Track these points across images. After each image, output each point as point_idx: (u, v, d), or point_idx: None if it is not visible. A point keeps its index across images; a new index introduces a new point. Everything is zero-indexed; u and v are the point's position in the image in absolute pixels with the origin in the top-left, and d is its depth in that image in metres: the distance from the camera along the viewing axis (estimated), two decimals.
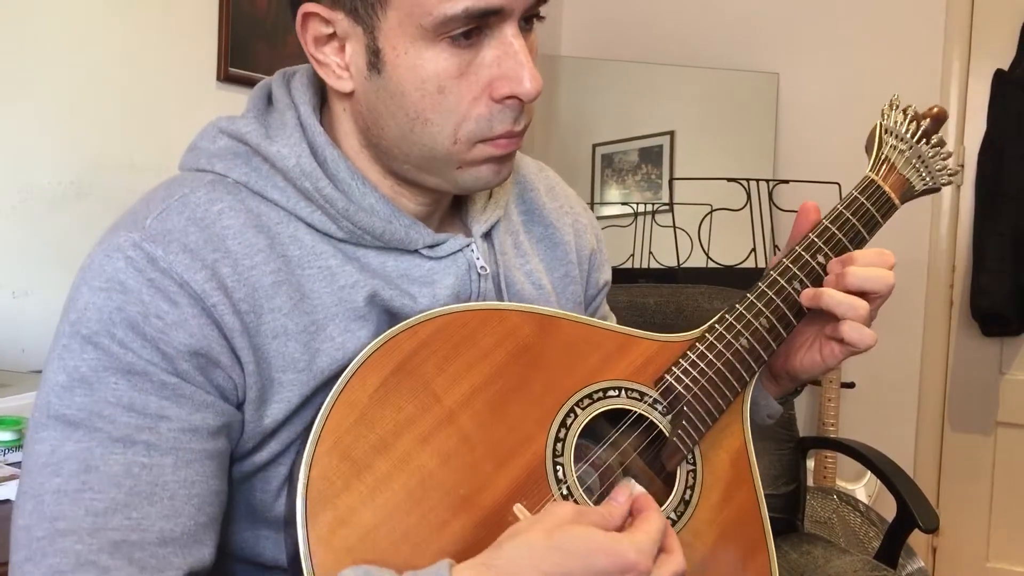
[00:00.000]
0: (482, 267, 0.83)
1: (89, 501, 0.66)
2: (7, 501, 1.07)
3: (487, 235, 0.87)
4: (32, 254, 1.68)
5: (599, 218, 2.90)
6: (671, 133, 2.96)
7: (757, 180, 2.72)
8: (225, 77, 2.00)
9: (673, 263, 2.69)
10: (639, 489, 0.72)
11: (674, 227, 2.71)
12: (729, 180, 2.68)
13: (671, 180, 2.91)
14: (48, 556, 0.64)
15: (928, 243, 2.86)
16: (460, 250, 0.82)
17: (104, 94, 1.79)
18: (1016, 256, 2.64)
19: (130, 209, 0.76)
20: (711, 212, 2.66)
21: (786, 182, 2.73)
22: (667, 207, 2.82)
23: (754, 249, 2.71)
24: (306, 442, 0.69)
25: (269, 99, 0.82)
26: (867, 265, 0.86)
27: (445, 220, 0.87)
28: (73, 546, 0.64)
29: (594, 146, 2.97)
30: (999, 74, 2.74)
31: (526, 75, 0.72)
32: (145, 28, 1.85)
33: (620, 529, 0.69)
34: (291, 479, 0.74)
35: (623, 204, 2.92)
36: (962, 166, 2.83)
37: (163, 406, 0.69)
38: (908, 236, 2.81)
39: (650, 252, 2.75)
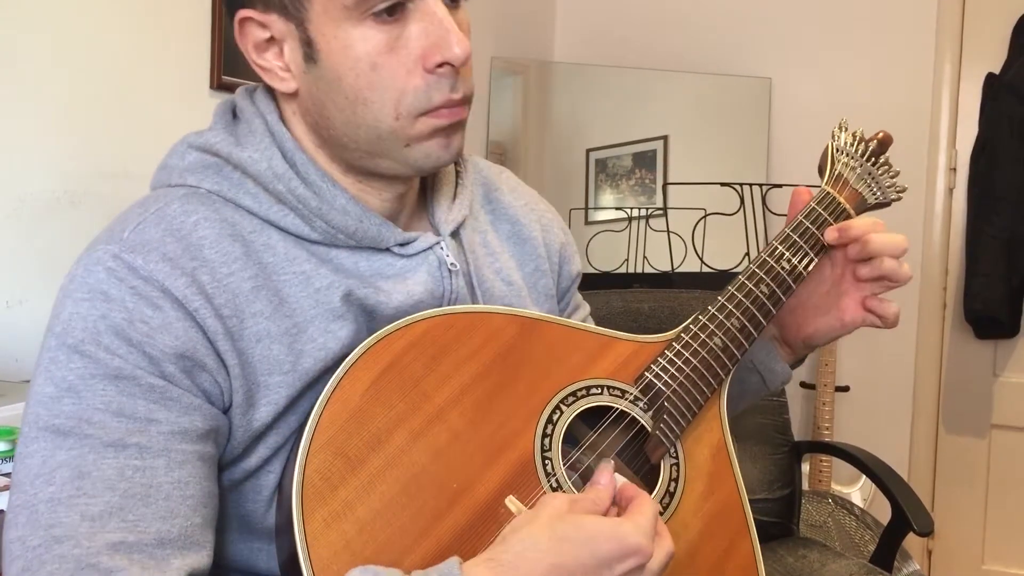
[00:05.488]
0: (452, 264, 0.85)
1: (84, 506, 0.66)
2: (2, 511, 1.07)
3: (455, 234, 0.89)
4: (26, 263, 1.68)
5: (593, 223, 2.91)
6: (665, 138, 2.96)
7: (750, 184, 2.73)
8: (218, 85, 2.00)
9: (667, 268, 2.70)
10: (620, 478, 0.74)
11: (668, 232, 2.71)
12: (723, 185, 2.68)
13: (665, 185, 2.91)
14: (46, 564, 0.64)
15: (921, 246, 2.87)
16: (430, 247, 0.85)
17: (97, 103, 1.79)
18: (1009, 259, 2.64)
19: (106, 227, 0.77)
20: (705, 216, 2.66)
21: (779, 186, 2.74)
22: (661, 212, 2.83)
23: (748, 253, 2.72)
24: (296, 445, 0.70)
25: (234, 113, 0.85)
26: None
27: (413, 221, 0.89)
28: (71, 551, 0.65)
29: (588, 151, 2.97)
30: (990, 77, 2.75)
31: (453, 40, 0.75)
32: (138, 36, 1.85)
33: (608, 511, 0.71)
34: (281, 486, 0.75)
35: (617, 209, 2.93)
36: (954, 169, 2.85)
37: (152, 409, 0.69)
38: None
39: (644, 257, 2.76)
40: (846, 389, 2.87)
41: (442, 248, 0.86)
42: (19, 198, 1.66)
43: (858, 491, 2.80)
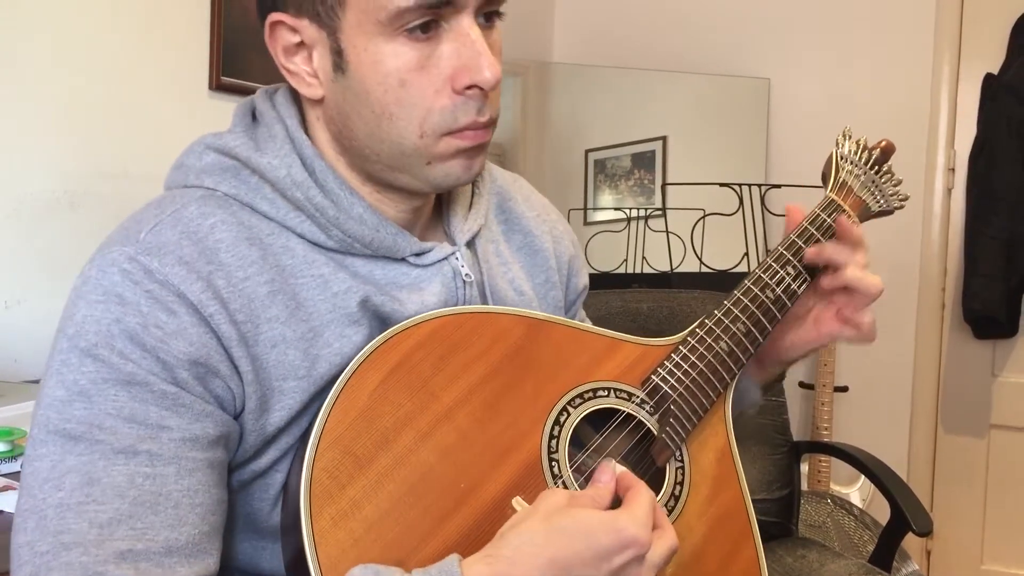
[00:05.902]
0: (467, 275, 0.85)
1: (93, 513, 0.66)
2: (1, 512, 1.07)
3: (470, 244, 0.89)
4: (26, 264, 1.68)
5: (592, 224, 2.91)
6: (663, 138, 2.96)
7: (749, 185, 2.73)
8: (217, 86, 2.00)
9: (666, 268, 2.70)
10: (620, 468, 0.74)
11: (667, 232, 2.71)
12: (721, 185, 2.69)
13: (664, 185, 2.92)
14: (54, 570, 0.64)
15: (920, 246, 2.87)
16: (445, 258, 0.84)
17: (97, 104, 1.79)
18: (1008, 259, 2.65)
19: (120, 227, 0.76)
20: (704, 217, 2.67)
21: (778, 187, 2.74)
22: (660, 212, 2.83)
23: (747, 253, 2.72)
24: (304, 445, 0.70)
25: (253, 116, 0.84)
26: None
27: (428, 230, 0.88)
28: (79, 558, 0.64)
29: (587, 152, 2.98)
30: (989, 77, 2.76)
31: (484, 63, 0.74)
32: (137, 37, 1.85)
33: (610, 507, 0.71)
34: (287, 485, 0.74)
35: (616, 209, 2.93)
36: (953, 169, 2.85)
37: (163, 416, 0.69)
38: (900, 240, 2.82)
39: (643, 257, 2.76)
40: (845, 389, 2.88)
41: (457, 258, 0.85)
42: (19, 198, 1.66)
43: (857, 491, 2.80)
